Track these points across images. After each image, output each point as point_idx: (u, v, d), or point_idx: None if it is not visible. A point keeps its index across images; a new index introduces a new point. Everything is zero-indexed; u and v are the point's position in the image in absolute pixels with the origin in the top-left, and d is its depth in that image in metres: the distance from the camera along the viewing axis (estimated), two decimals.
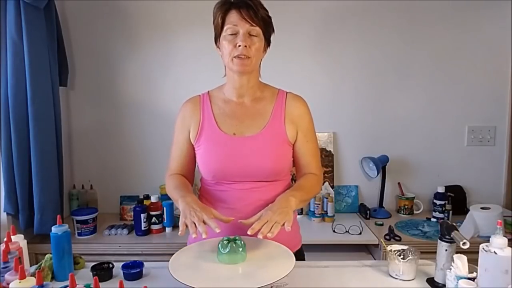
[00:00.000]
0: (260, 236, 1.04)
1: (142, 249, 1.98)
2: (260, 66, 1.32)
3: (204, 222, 1.07)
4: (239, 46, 1.18)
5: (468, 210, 1.98)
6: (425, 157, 2.39)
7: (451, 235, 1.10)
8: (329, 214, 2.22)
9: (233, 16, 1.19)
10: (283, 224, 1.07)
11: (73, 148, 2.38)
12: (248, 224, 1.08)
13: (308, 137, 1.31)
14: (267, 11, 1.24)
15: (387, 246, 1.26)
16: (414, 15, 2.30)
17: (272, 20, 1.26)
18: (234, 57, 1.20)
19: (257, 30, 1.20)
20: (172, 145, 1.36)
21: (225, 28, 1.21)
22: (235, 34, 1.19)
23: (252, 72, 1.27)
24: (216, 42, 1.27)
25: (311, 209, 2.25)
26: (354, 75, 2.35)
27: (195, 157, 1.33)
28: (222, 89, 1.34)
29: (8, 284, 0.99)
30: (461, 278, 1.03)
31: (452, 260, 1.08)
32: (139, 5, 2.28)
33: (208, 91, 1.37)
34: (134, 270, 1.20)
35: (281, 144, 1.27)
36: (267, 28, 1.24)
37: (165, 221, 2.11)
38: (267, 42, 1.27)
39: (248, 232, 1.05)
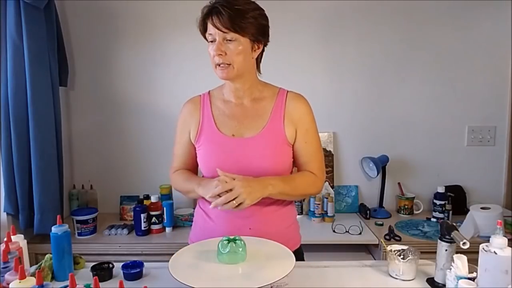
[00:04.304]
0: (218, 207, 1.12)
1: (142, 249, 1.98)
2: (259, 66, 1.31)
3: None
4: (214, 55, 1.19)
5: (468, 210, 1.98)
6: (425, 157, 2.39)
7: (451, 235, 1.10)
8: (329, 214, 2.22)
9: (208, 25, 1.20)
10: (238, 205, 1.11)
11: (73, 148, 2.38)
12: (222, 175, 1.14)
13: (307, 138, 1.29)
14: (253, 10, 1.18)
15: (387, 246, 1.26)
16: (414, 15, 2.29)
17: (266, 13, 1.22)
18: (217, 65, 1.20)
19: (231, 35, 1.17)
20: (174, 144, 1.36)
21: (206, 35, 1.22)
22: (214, 41, 1.20)
23: (244, 75, 1.25)
24: None
25: (311, 209, 2.25)
26: (354, 75, 2.34)
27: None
28: (222, 89, 1.33)
29: (8, 284, 0.99)
30: (461, 278, 1.03)
31: (452, 260, 1.08)
32: (138, 6, 2.27)
33: (209, 91, 1.36)
34: (134, 270, 1.20)
35: (280, 145, 1.26)
36: (250, 27, 1.18)
37: (165, 221, 2.10)
38: (259, 40, 1.22)
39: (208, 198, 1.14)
